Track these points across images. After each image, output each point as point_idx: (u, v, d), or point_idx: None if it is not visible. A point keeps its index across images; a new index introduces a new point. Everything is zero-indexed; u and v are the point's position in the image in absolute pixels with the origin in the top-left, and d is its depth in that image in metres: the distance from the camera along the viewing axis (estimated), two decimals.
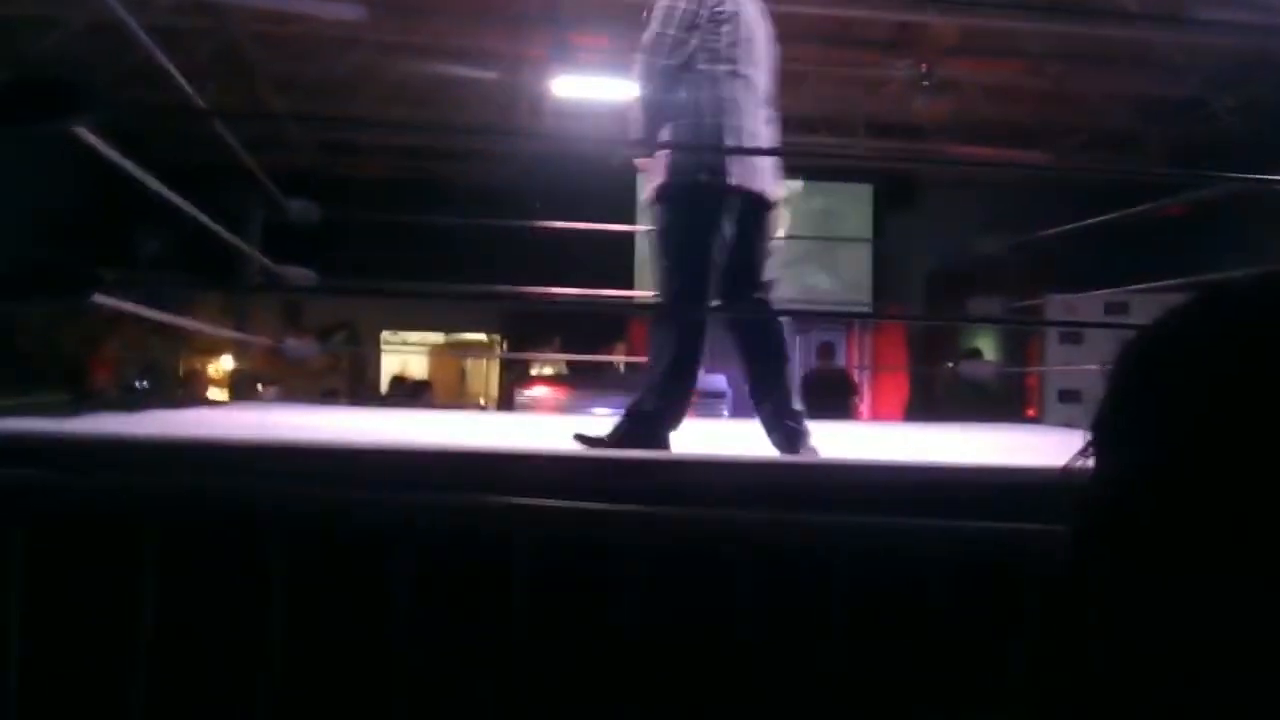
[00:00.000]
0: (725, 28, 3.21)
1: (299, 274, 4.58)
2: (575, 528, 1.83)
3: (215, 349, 9.96)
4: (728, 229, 3.20)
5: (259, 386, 8.52)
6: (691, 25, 3.17)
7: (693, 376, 3.31)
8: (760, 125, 3.30)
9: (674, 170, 3.19)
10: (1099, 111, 10.01)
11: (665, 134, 3.21)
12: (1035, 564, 1.55)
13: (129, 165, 2.74)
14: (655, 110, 3.21)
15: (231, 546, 1.81)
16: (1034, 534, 1.59)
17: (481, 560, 1.84)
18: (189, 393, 8.95)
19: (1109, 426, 0.60)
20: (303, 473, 1.96)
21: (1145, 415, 0.57)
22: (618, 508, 1.83)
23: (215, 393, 9.82)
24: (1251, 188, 5.64)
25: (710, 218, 3.17)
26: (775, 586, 1.81)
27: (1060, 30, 8.67)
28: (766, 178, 3.29)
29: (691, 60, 3.19)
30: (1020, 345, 11.03)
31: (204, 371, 10.61)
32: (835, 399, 9.54)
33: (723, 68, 3.22)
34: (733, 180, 3.16)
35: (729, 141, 3.19)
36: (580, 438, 3.12)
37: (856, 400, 9.94)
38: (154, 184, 3.06)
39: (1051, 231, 6.43)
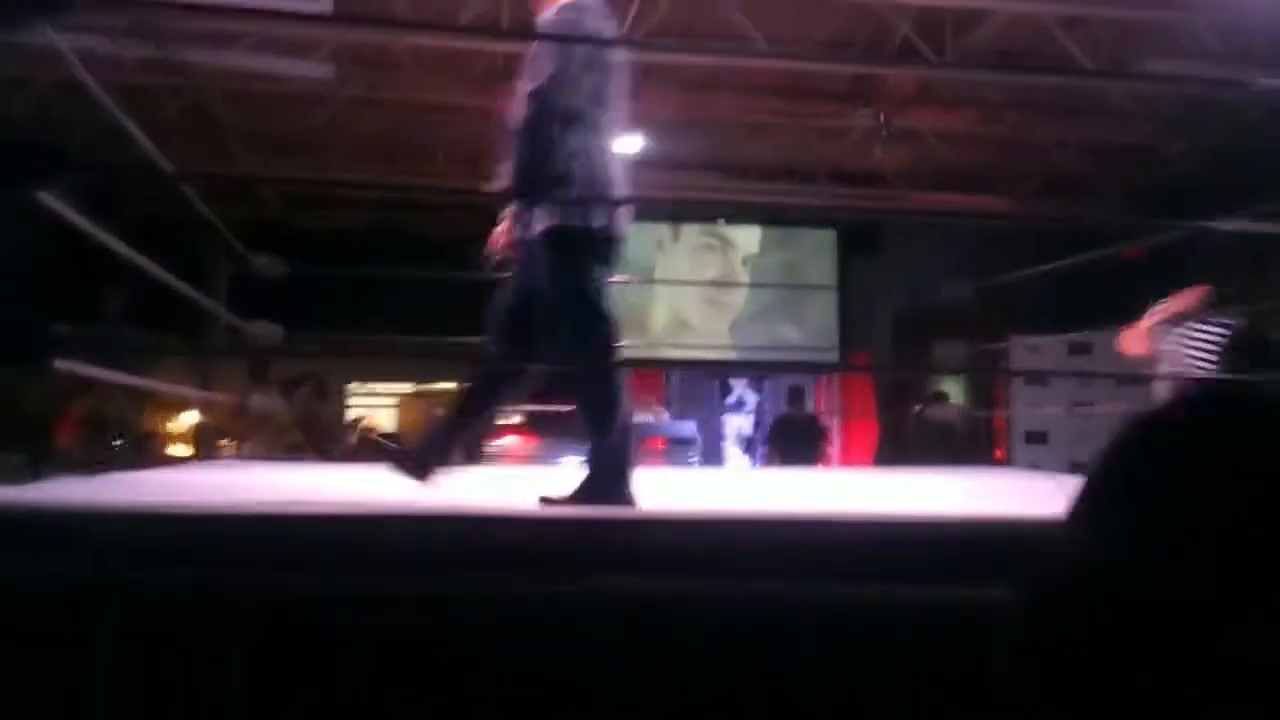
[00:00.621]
0: (604, 65, 3.20)
1: (265, 329, 4.58)
2: (539, 609, 1.80)
3: (178, 404, 9.89)
4: (600, 269, 3.20)
5: (222, 442, 8.45)
6: (586, 64, 3.13)
7: (623, 418, 3.21)
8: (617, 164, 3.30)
9: (566, 217, 3.13)
10: (1055, 157, 10.20)
11: (551, 180, 3.12)
12: (1004, 631, 1.54)
13: (93, 228, 2.75)
14: (544, 158, 3.12)
15: (196, 638, 1.76)
16: (1002, 600, 1.58)
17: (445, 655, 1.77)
18: (151, 451, 8.86)
19: (1100, 493, 0.62)
20: (260, 545, 1.93)
21: (1139, 490, 0.59)
22: (579, 589, 1.80)
23: (179, 448, 9.74)
24: (1202, 232, 5.76)
25: (602, 264, 3.19)
26: (735, 659, 1.78)
27: (1015, 80, 8.85)
28: (623, 216, 3.30)
29: (583, 102, 3.14)
30: (986, 387, 11.13)
31: (167, 428, 10.51)
32: (805, 444, 9.58)
33: (604, 111, 3.20)
34: (613, 228, 3.18)
35: (613, 189, 3.20)
36: (545, 500, 3.09)
37: (826, 445, 9.98)
38: (117, 244, 3.06)
39: (1013, 276, 6.54)
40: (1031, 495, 4.02)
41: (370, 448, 8.99)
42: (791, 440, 9.65)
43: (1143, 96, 9.01)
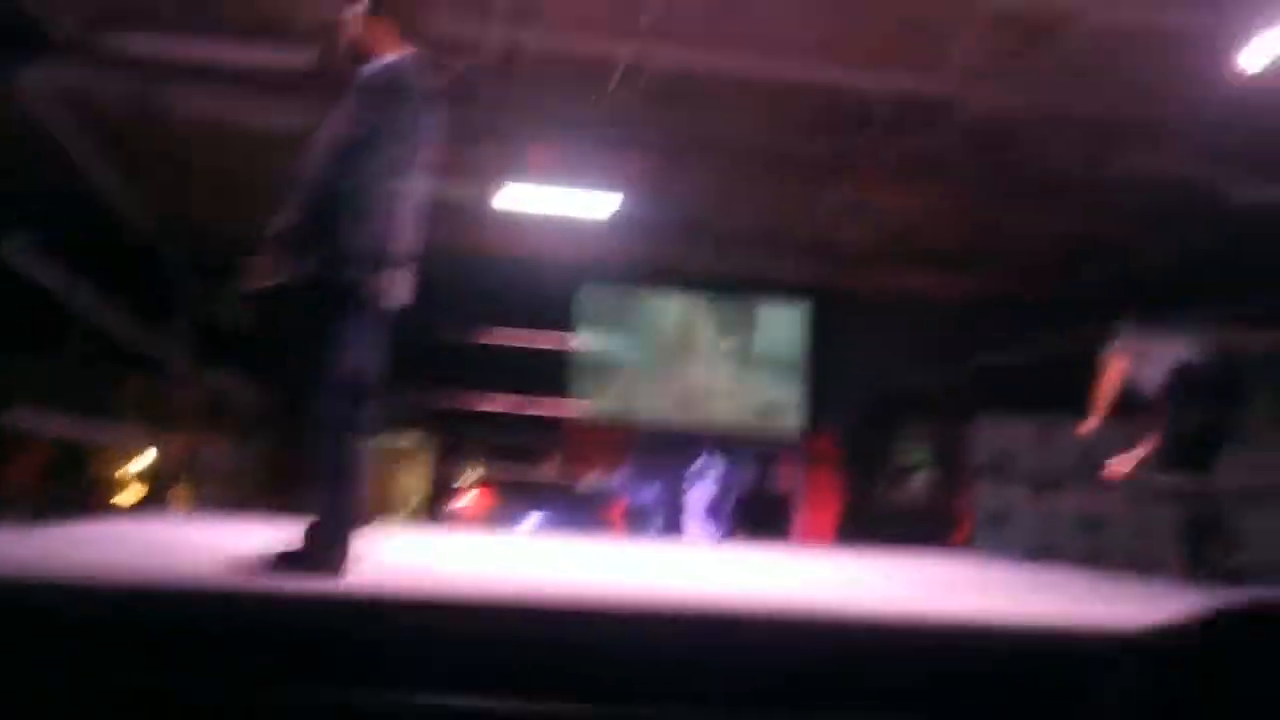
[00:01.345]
0: (409, 127, 3.14)
1: (225, 377, 4.48)
2: None
3: (131, 451, 9.67)
4: (369, 332, 3.10)
5: (173, 491, 8.25)
6: (390, 124, 3.08)
7: (356, 484, 3.04)
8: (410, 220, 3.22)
9: (329, 265, 3.04)
10: (1026, 243, 10.29)
11: (321, 231, 3.03)
12: None
13: (54, 277, 2.66)
14: (320, 209, 3.04)
15: None
16: None
17: None
18: (99, 499, 8.63)
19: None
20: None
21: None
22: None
23: (129, 496, 9.49)
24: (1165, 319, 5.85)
25: (361, 317, 3.07)
26: None
27: (989, 166, 8.96)
28: (399, 283, 3.20)
29: (377, 160, 3.07)
30: (951, 467, 11.12)
31: (117, 475, 10.26)
32: (770, 520, 9.51)
33: (402, 171, 3.15)
34: (385, 292, 3.10)
35: (394, 248, 3.11)
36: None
37: (791, 520, 9.91)
38: (76, 289, 2.99)
39: (981, 359, 6.55)
40: (988, 592, 3.95)
41: None
42: (757, 514, 9.59)
43: (1114, 190, 9.13)
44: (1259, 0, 5.64)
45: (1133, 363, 5.34)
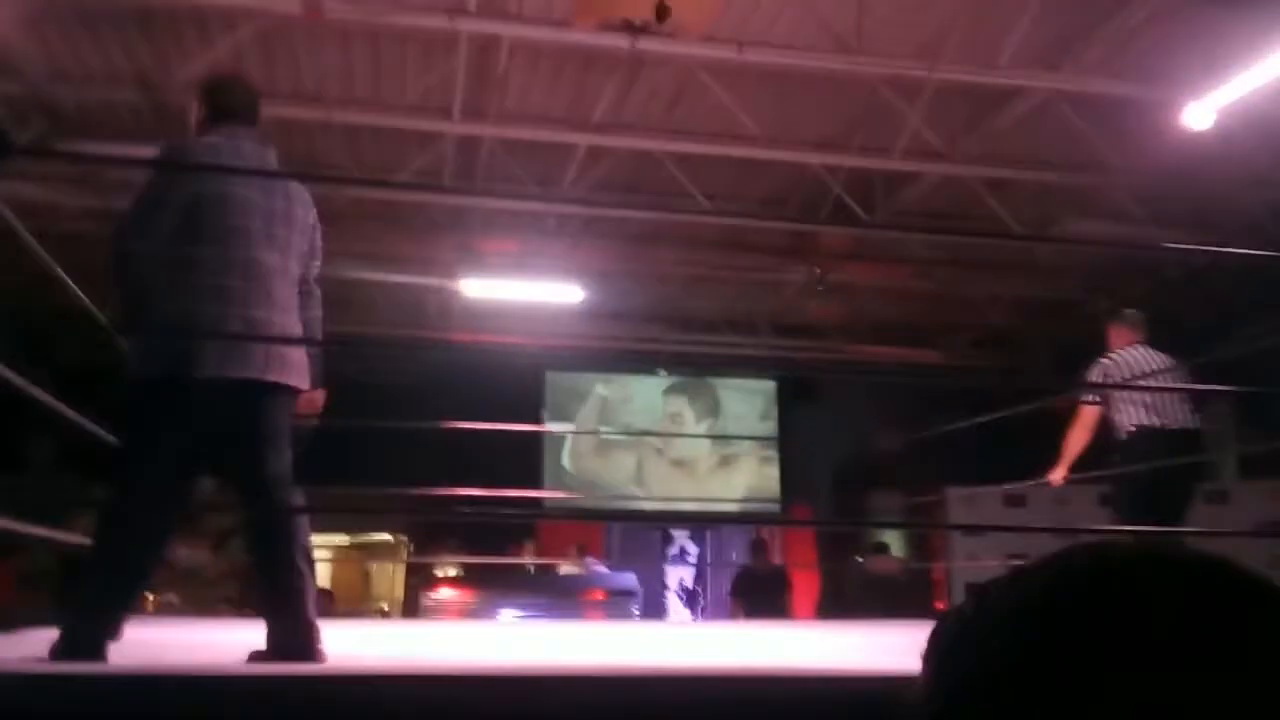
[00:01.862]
0: (196, 203, 2.99)
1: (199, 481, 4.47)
2: None
3: None
4: (200, 421, 2.90)
5: (148, 596, 8.16)
6: (170, 203, 2.96)
7: (132, 575, 2.88)
8: (271, 311, 3.06)
9: (143, 359, 2.92)
10: (985, 312, 10.49)
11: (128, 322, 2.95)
12: None
13: (18, 379, 2.70)
14: (121, 300, 2.97)
15: None
16: None
17: None
18: None
19: (943, 644, 0.64)
20: None
21: (976, 641, 0.62)
22: None
23: None
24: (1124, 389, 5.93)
25: (174, 409, 2.88)
26: None
27: (945, 238, 9.18)
28: (271, 364, 3.02)
29: (163, 242, 2.94)
30: (925, 539, 11.16)
31: None
32: (769, 596, 9.47)
33: (199, 249, 2.97)
34: (208, 371, 2.88)
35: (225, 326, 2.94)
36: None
37: (790, 597, 9.88)
38: (43, 393, 3.01)
39: (947, 428, 6.64)
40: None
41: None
42: (755, 593, 9.56)
43: (1067, 254, 9.36)
44: (1202, 64, 5.87)
45: (1106, 408, 5.41)
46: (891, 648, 4.38)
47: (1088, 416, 5.52)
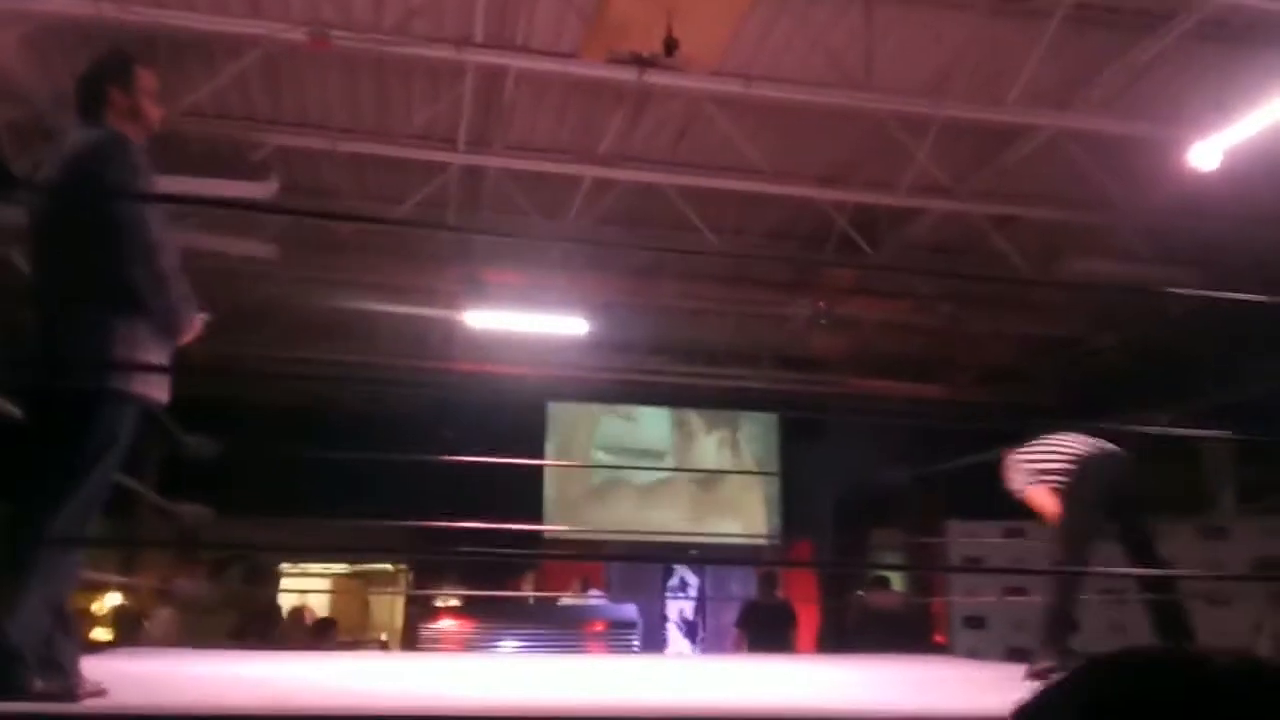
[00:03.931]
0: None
1: (195, 511, 4.46)
2: None
3: (99, 586, 9.53)
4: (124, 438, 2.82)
5: (144, 625, 8.09)
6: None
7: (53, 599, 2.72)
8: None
9: (82, 365, 2.76)
10: (989, 348, 10.47)
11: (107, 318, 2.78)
12: None
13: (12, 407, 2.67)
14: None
15: None
16: None
17: None
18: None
19: None
20: None
21: None
22: None
23: (99, 632, 9.30)
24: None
25: (115, 424, 2.78)
26: None
27: (945, 269, 9.18)
28: (152, 382, 2.90)
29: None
30: (925, 573, 11.11)
31: (86, 610, 10.07)
32: (775, 631, 9.39)
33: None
34: (135, 386, 2.81)
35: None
36: None
37: (796, 631, 9.80)
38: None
39: (949, 464, 6.62)
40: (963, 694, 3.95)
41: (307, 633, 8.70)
42: (761, 627, 9.48)
43: (1071, 292, 9.35)
44: (1209, 104, 5.87)
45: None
46: (889, 683, 4.35)
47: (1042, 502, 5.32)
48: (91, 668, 2.85)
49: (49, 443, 2.75)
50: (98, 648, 5.43)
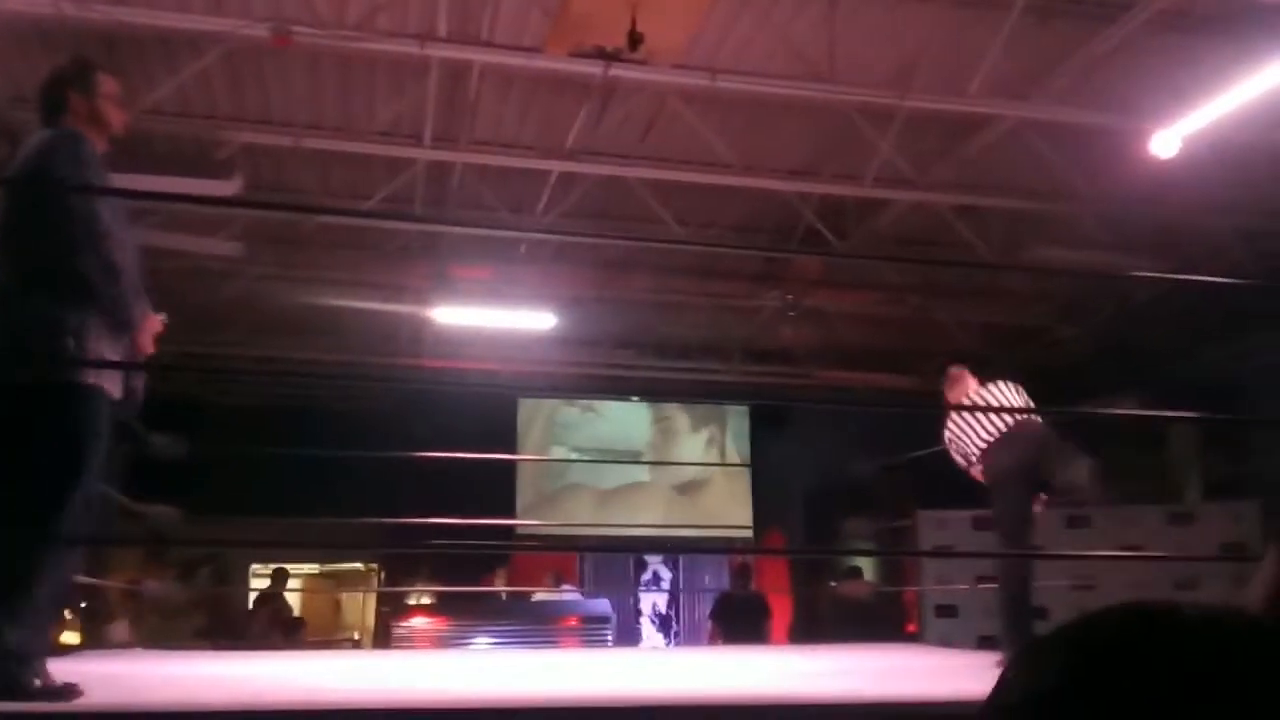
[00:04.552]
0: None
1: (163, 512, 4.43)
2: None
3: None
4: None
5: (111, 627, 8.02)
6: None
7: (55, 600, 2.79)
8: None
9: (52, 360, 2.77)
10: (955, 337, 10.54)
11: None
12: None
13: None
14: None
15: None
16: None
17: None
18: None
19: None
20: None
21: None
22: None
23: (65, 635, 9.20)
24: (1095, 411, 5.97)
25: (95, 417, 2.81)
26: None
27: (912, 259, 9.23)
28: (105, 376, 2.90)
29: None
30: (897, 562, 11.17)
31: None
32: (748, 623, 9.42)
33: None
34: (90, 378, 2.82)
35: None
36: None
37: (770, 623, 9.84)
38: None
39: (918, 452, 6.66)
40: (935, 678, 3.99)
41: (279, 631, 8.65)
42: (735, 619, 9.51)
43: (1036, 280, 9.44)
44: (1169, 93, 5.94)
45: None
46: (860, 671, 4.38)
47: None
48: (62, 670, 2.83)
49: (40, 440, 2.77)
50: (65, 650, 5.39)
